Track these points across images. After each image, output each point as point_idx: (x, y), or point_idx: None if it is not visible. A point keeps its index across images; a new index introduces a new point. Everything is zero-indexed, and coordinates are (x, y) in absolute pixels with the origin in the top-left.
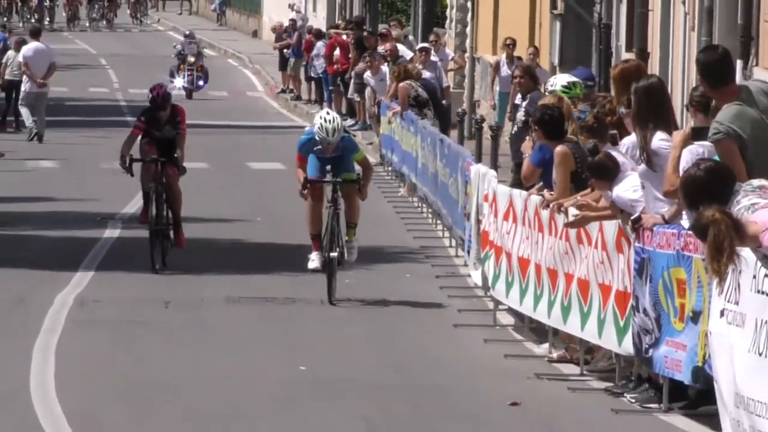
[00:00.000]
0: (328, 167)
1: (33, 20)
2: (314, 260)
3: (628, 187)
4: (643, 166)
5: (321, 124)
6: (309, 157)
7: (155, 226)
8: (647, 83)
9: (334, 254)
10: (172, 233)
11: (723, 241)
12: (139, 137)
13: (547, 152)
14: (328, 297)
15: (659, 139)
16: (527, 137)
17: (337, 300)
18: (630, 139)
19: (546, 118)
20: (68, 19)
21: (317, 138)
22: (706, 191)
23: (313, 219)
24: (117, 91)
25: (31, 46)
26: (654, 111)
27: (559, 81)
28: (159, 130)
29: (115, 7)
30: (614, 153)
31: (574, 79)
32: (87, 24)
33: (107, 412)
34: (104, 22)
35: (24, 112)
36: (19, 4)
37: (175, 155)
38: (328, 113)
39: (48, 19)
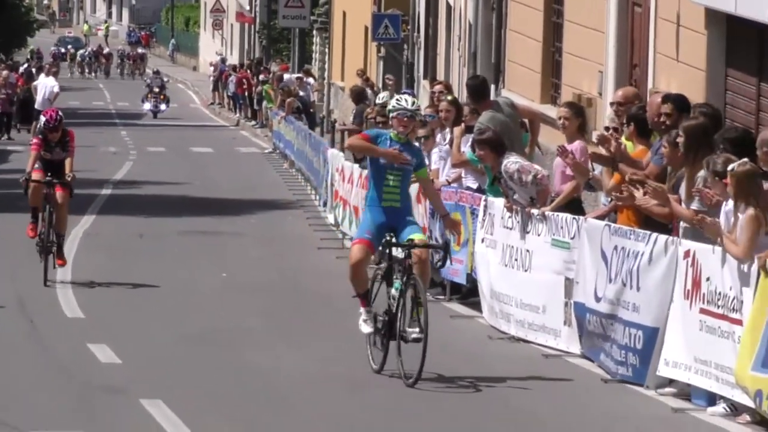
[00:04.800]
0: (389, 233)
1: (80, 74)
2: (367, 321)
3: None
4: (447, 147)
5: (398, 98)
6: (364, 216)
7: (44, 244)
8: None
9: (415, 333)
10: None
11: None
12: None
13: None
14: (414, 380)
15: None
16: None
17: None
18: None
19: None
20: (105, 72)
21: (395, 113)
22: (500, 141)
23: (358, 277)
24: (109, 104)
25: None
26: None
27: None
28: (49, 152)
29: (143, 64)
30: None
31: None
32: (119, 77)
33: (105, 301)
34: (132, 77)
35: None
36: (69, 61)
37: (68, 178)
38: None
39: (89, 72)
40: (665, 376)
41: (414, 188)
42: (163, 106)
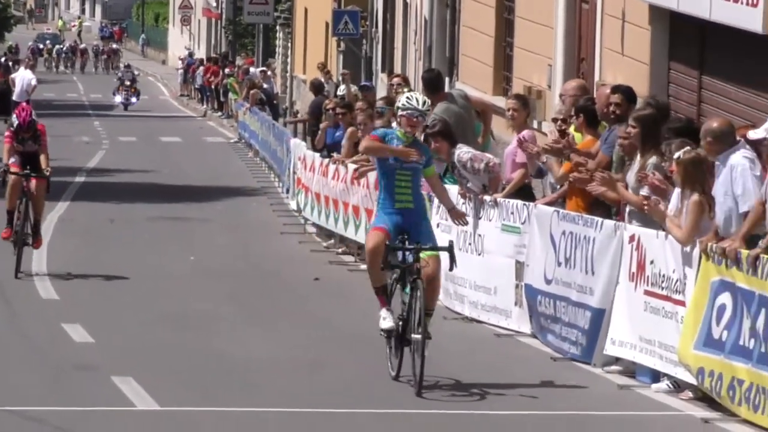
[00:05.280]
0: (403, 235)
1: (56, 69)
2: (386, 318)
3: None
4: None
5: (409, 96)
6: (380, 213)
7: (18, 236)
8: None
9: (417, 336)
10: (31, 240)
11: None
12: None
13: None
14: (417, 388)
15: None
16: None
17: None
18: None
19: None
20: (81, 67)
21: (405, 113)
22: (450, 131)
23: (375, 267)
24: (83, 96)
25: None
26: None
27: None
28: (21, 144)
29: (116, 59)
30: None
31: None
32: (93, 71)
33: (79, 284)
34: (107, 71)
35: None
36: (46, 55)
37: (45, 171)
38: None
39: (65, 66)
40: (611, 354)
41: None
42: (134, 99)
